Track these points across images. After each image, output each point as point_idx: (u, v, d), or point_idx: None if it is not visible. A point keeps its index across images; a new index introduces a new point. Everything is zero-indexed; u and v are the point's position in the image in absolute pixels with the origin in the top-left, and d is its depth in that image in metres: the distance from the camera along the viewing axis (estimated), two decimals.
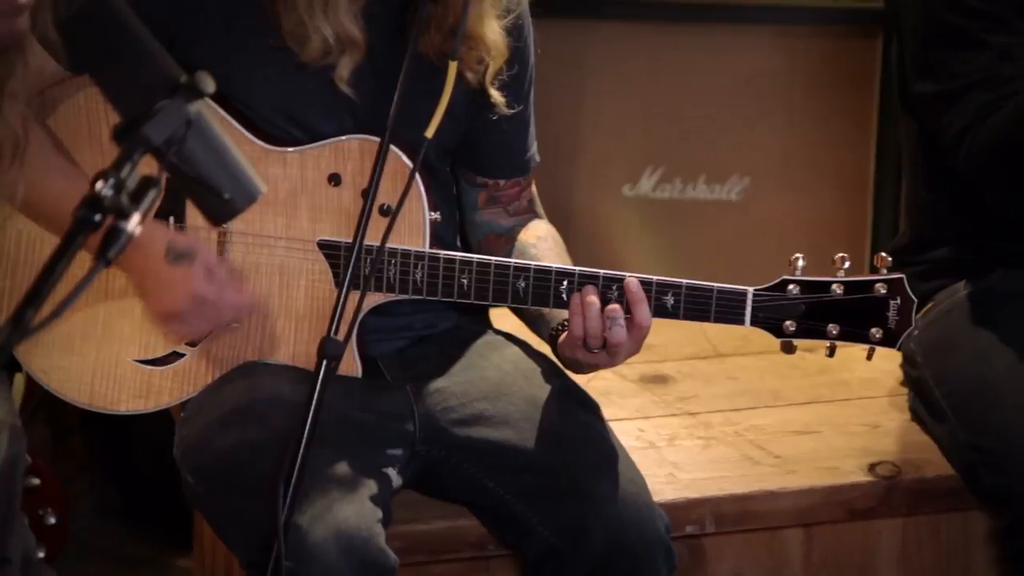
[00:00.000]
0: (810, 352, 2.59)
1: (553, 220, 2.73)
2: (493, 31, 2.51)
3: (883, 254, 2.48)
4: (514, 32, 2.56)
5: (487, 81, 2.54)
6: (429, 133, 2.33)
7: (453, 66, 2.32)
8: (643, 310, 2.41)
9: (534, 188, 2.73)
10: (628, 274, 2.44)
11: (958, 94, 2.74)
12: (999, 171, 2.72)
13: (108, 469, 3.81)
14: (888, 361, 2.83)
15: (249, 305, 2.47)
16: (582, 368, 2.50)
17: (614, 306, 2.41)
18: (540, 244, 2.63)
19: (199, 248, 2.43)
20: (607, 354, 2.43)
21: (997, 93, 2.70)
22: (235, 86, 2.48)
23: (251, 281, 2.52)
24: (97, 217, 1.54)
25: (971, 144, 2.72)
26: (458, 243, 2.68)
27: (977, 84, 2.72)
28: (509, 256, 2.62)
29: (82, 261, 1.54)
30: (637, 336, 2.42)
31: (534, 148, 2.70)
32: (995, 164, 2.71)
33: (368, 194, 2.31)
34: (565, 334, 2.47)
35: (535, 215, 2.71)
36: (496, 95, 2.55)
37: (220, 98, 2.48)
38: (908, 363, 2.96)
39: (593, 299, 2.41)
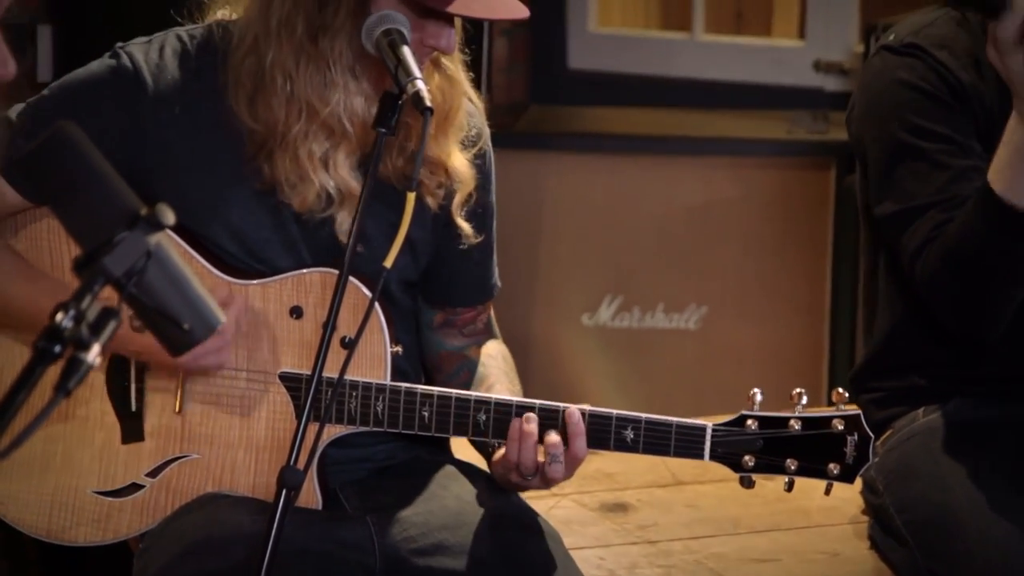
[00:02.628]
0: (769, 480, 2.60)
1: (512, 349, 2.75)
2: (458, 159, 2.55)
3: (840, 390, 2.51)
4: (478, 162, 2.60)
5: (453, 210, 2.57)
6: (387, 263, 2.34)
7: (411, 198, 2.33)
8: (581, 443, 2.43)
9: (491, 311, 2.75)
10: (589, 407, 2.46)
11: (916, 213, 2.78)
12: (951, 284, 2.75)
13: None
14: (847, 489, 2.83)
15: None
16: (513, 488, 2.51)
17: (555, 440, 2.42)
18: (489, 363, 2.65)
19: None
20: (540, 480, 2.46)
21: (954, 212, 2.74)
22: (196, 219, 2.50)
23: (212, 414, 2.52)
24: (57, 348, 1.54)
25: (926, 259, 2.76)
26: (421, 375, 2.69)
27: (934, 204, 2.76)
28: (457, 373, 2.63)
29: (42, 390, 1.54)
30: (572, 467, 2.45)
31: (495, 275, 2.72)
32: (947, 277, 2.74)
33: (326, 326, 2.32)
34: (500, 452, 2.49)
35: (490, 335, 2.73)
36: (463, 224, 2.58)
37: (180, 229, 2.50)
38: (869, 490, 2.97)
39: (532, 429, 2.43)
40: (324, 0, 2.41)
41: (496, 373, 2.62)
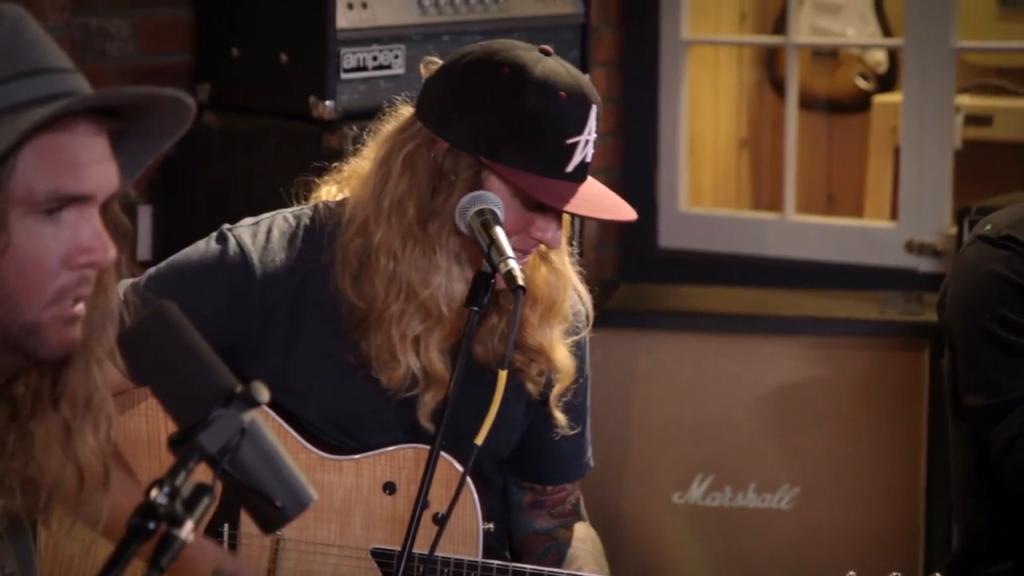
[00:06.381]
0: None
1: (602, 526, 2.74)
2: (561, 351, 2.55)
3: (937, 575, 2.48)
4: (576, 352, 2.61)
5: (551, 401, 2.57)
6: (478, 440, 2.35)
7: (503, 376, 2.34)
8: None
9: (579, 491, 2.74)
10: None
11: (1005, 408, 2.77)
12: None
13: None
14: None
15: None
16: None
17: None
18: (578, 546, 2.64)
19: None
20: None
21: None
22: (292, 395, 2.52)
23: None
24: (151, 525, 1.56)
25: (1015, 457, 2.74)
26: (507, 553, 2.68)
27: (1023, 400, 2.75)
28: (545, 555, 2.62)
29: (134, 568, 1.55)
30: None
31: (588, 454, 2.72)
32: None
33: (418, 501, 2.33)
34: None
35: (578, 518, 2.72)
36: (560, 416, 2.58)
37: (275, 404, 2.52)
38: None
39: None
40: (437, 187, 2.44)
41: (584, 556, 2.61)
